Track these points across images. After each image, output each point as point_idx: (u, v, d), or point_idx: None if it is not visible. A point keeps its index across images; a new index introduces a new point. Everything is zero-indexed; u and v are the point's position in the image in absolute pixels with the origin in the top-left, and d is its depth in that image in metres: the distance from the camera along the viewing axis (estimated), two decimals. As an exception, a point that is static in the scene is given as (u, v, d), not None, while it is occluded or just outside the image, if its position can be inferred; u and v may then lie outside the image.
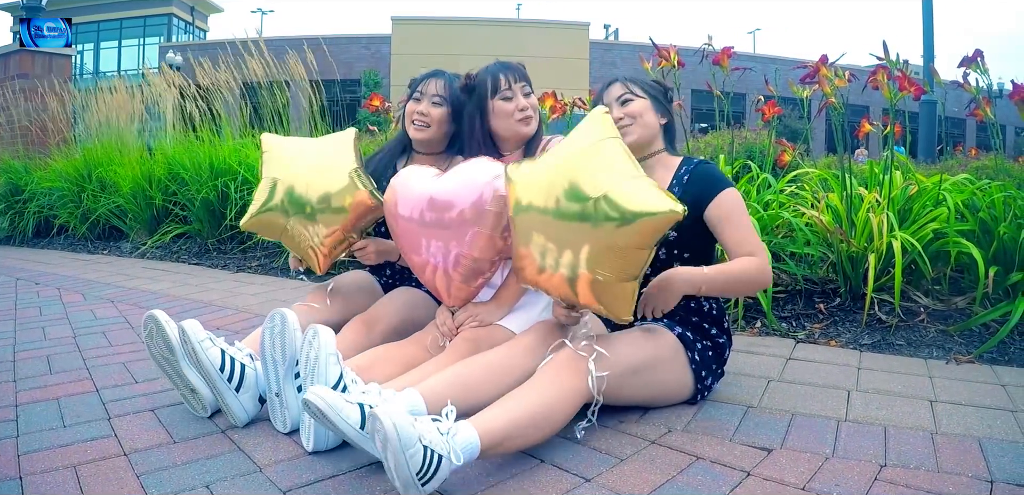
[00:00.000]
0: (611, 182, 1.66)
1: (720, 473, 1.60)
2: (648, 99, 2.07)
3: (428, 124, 2.45)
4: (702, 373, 1.98)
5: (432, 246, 2.07)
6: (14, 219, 7.16)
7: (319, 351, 1.71)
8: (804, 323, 2.89)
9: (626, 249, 1.64)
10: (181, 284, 4.26)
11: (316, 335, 1.73)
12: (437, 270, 2.09)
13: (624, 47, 27.53)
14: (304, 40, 6.54)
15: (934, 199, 3.12)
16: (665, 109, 2.12)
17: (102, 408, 2.06)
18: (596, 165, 1.70)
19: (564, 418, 1.69)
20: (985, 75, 2.91)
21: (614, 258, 1.66)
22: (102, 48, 35.26)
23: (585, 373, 1.71)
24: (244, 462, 1.68)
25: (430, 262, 2.10)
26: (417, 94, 2.48)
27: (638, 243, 1.63)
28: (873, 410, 1.99)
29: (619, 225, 1.62)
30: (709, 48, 3.46)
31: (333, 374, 1.68)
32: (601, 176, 1.68)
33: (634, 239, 1.62)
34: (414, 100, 2.48)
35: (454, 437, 1.47)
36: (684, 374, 1.95)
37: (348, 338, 2.23)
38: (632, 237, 1.62)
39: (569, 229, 1.70)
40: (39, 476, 1.60)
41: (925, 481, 1.55)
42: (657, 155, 2.08)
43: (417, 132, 2.46)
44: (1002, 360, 2.46)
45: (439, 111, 2.44)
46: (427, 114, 2.44)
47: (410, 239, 2.13)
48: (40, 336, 2.99)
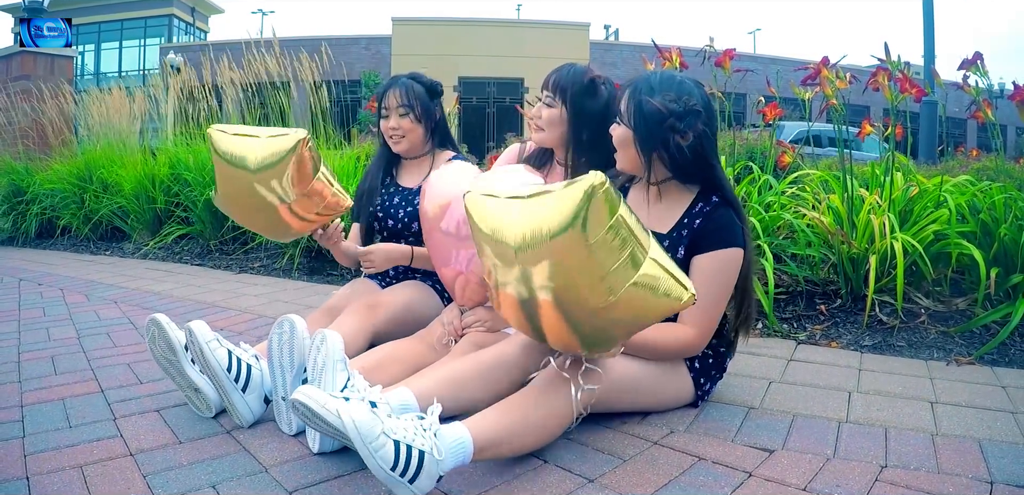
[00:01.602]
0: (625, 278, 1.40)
1: (722, 474, 1.61)
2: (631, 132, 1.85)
3: (403, 135, 2.54)
4: (701, 380, 1.98)
5: (461, 255, 2.06)
6: (17, 220, 7.18)
7: (326, 357, 1.71)
8: (805, 324, 2.90)
9: (624, 323, 1.50)
10: (184, 285, 4.27)
11: (324, 341, 1.73)
12: (461, 274, 2.09)
13: (624, 47, 27.51)
14: (304, 41, 6.54)
15: (935, 200, 3.13)
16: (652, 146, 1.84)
17: (107, 409, 2.07)
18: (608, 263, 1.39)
19: (559, 427, 1.68)
20: (984, 77, 2.92)
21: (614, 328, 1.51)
22: (103, 49, 35.26)
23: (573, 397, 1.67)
24: (250, 462, 1.69)
25: (460, 271, 2.09)
26: (383, 111, 2.54)
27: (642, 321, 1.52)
28: (874, 411, 2.00)
29: (633, 311, 1.45)
30: (711, 49, 3.47)
31: (339, 380, 1.69)
32: (614, 278, 1.40)
33: (640, 314, 1.48)
34: (383, 119, 2.55)
35: (439, 433, 1.46)
36: (684, 382, 1.95)
37: (350, 323, 2.24)
38: (638, 316, 1.49)
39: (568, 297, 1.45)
40: (46, 476, 1.61)
41: (925, 482, 1.56)
42: (661, 185, 1.94)
43: (397, 146, 2.56)
44: (1003, 362, 2.47)
45: (407, 120, 2.53)
46: (398, 127, 2.53)
47: (444, 251, 2.10)
48: (44, 337, 3.01)
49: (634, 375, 1.82)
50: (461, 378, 1.78)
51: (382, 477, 1.39)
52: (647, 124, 1.82)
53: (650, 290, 1.42)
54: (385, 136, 2.57)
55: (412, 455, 1.40)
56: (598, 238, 1.35)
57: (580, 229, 1.34)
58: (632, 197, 2.03)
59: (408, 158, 2.63)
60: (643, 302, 1.43)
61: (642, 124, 1.83)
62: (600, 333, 1.52)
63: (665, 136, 1.81)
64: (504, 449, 1.58)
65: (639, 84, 1.87)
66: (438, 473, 1.43)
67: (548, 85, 2.23)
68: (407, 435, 1.42)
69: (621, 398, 1.83)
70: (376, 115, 2.60)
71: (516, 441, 1.59)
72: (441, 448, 1.44)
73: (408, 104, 2.51)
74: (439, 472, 1.43)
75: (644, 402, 1.91)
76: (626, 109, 1.87)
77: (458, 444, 1.47)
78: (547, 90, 2.24)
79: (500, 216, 1.49)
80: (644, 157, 1.86)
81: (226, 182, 2.18)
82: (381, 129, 2.58)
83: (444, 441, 1.46)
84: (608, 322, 1.47)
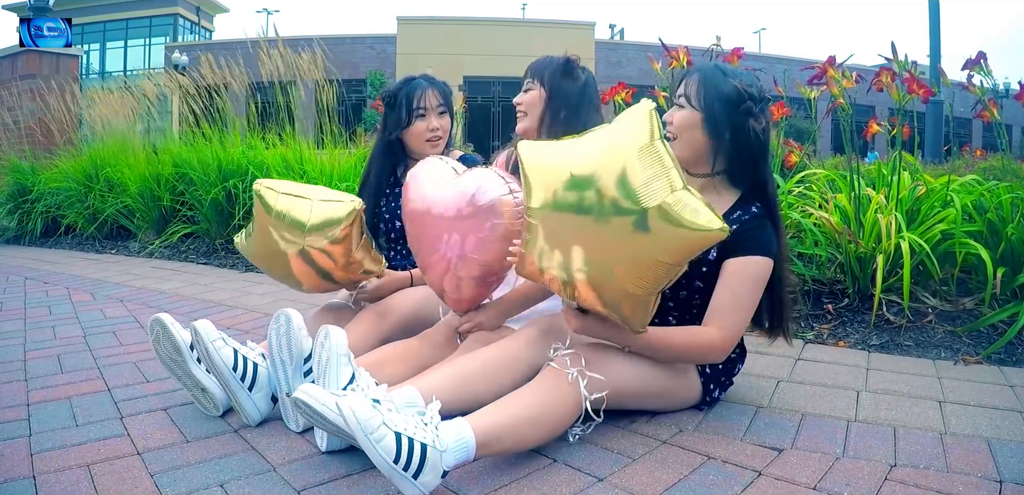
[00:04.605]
0: (664, 190, 1.50)
1: (731, 473, 1.61)
2: (700, 114, 1.81)
3: (440, 137, 2.52)
4: (710, 385, 1.96)
5: (452, 238, 1.98)
6: (22, 219, 7.20)
7: (330, 352, 1.71)
8: (812, 324, 2.89)
9: (663, 264, 1.53)
10: (190, 284, 4.28)
11: (327, 336, 1.73)
12: (449, 266, 2.03)
13: (629, 47, 27.46)
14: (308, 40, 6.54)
15: (942, 200, 3.12)
16: (718, 128, 1.80)
17: (114, 407, 2.07)
18: (649, 171, 1.51)
19: (562, 422, 1.67)
20: (988, 76, 2.91)
21: (649, 270, 1.54)
22: (108, 48, 35.37)
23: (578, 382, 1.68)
24: (258, 461, 1.68)
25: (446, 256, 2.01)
26: (419, 111, 2.48)
27: (677, 258, 1.54)
28: (882, 411, 1.99)
29: (667, 239, 1.50)
30: (718, 49, 3.46)
31: (345, 375, 1.69)
32: (655, 183, 1.50)
33: (676, 253, 1.53)
34: (419, 119, 2.49)
35: (440, 428, 1.47)
36: (692, 384, 1.93)
37: (360, 330, 2.23)
38: (675, 250, 1.52)
39: (604, 232, 1.54)
40: (52, 475, 1.61)
41: (935, 481, 1.55)
42: (708, 179, 1.88)
43: (436, 148, 2.50)
44: (1010, 361, 2.46)
45: (446, 118, 2.53)
46: (438, 127, 2.51)
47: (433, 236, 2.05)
48: (50, 335, 3.01)
49: (639, 376, 1.80)
50: (467, 375, 1.77)
51: (386, 471, 1.39)
52: (724, 105, 1.78)
53: (684, 213, 1.48)
54: (419, 138, 2.50)
55: (414, 447, 1.41)
56: (644, 145, 1.53)
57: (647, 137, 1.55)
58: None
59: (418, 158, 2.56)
60: (676, 232, 1.50)
61: (717, 104, 1.78)
62: (636, 272, 1.55)
63: (740, 119, 1.78)
64: (508, 443, 1.57)
65: (707, 70, 1.83)
66: (442, 467, 1.43)
67: (527, 74, 2.28)
68: (408, 428, 1.43)
69: (629, 399, 1.82)
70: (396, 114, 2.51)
71: (518, 435, 1.59)
72: (443, 441, 1.44)
73: (446, 104, 2.52)
74: (443, 467, 1.44)
75: (652, 403, 1.90)
76: (695, 92, 1.81)
77: (460, 439, 1.48)
78: (526, 78, 2.28)
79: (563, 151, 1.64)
80: (714, 141, 1.82)
81: (264, 237, 2.18)
82: (415, 131, 2.51)
83: (446, 436, 1.46)
84: (646, 254, 1.53)
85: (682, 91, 1.85)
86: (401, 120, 2.49)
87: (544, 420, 1.64)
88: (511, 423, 1.57)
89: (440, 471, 1.43)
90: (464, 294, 2.05)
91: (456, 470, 1.59)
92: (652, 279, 1.56)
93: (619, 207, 1.52)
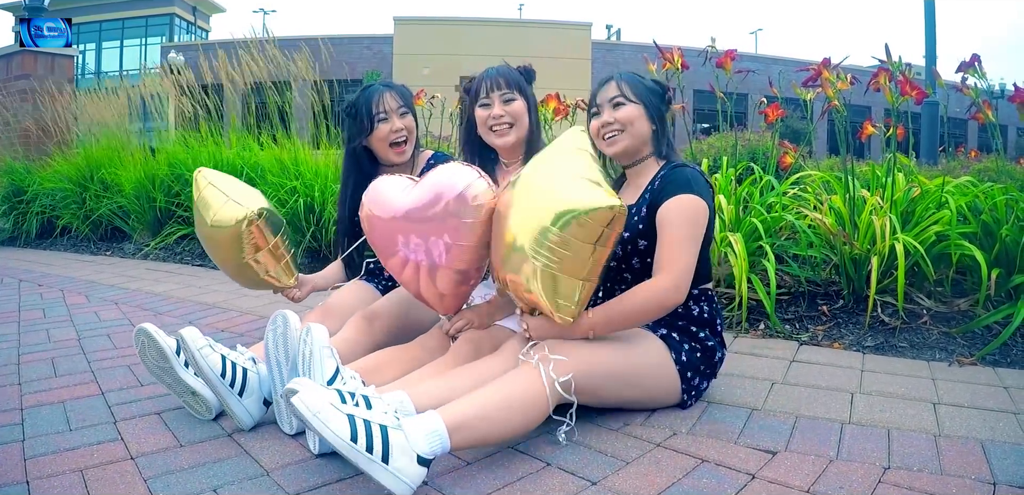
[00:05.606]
0: (557, 187, 1.71)
1: (725, 476, 1.61)
2: (641, 105, 2.02)
3: (407, 138, 2.53)
4: (689, 374, 1.96)
5: (411, 241, 1.96)
6: (17, 220, 7.18)
7: (313, 347, 1.73)
8: (807, 325, 2.89)
9: (573, 242, 1.65)
10: (185, 286, 4.27)
11: (309, 332, 1.75)
12: (420, 269, 1.98)
13: (626, 47, 27.49)
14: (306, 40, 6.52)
15: (937, 201, 3.13)
16: (659, 114, 2.06)
17: (108, 411, 2.06)
18: (553, 175, 1.77)
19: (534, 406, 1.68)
20: (983, 79, 2.92)
21: (563, 253, 1.67)
22: (104, 48, 35.28)
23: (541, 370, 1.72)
24: (251, 466, 1.68)
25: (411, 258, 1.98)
26: (381, 114, 2.47)
27: (583, 238, 1.65)
28: (876, 412, 1.99)
29: (560, 227, 1.65)
30: (712, 50, 3.46)
31: (329, 368, 1.71)
32: (553, 183, 1.74)
33: (578, 234, 1.65)
34: (381, 122, 2.47)
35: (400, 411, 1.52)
36: (669, 376, 1.94)
37: (349, 335, 2.24)
38: (576, 233, 1.65)
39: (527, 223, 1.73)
40: (46, 480, 1.61)
41: (929, 483, 1.56)
42: (644, 161, 2.07)
43: (402, 150, 2.52)
44: (1004, 362, 2.46)
45: (409, 119, 2.54)
46: (402, 127, 2.51)
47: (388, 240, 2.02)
48: (44, 338, 3.00)
49: (607, 359, 1.83)
50: (460, 390, 1.77)
51: (350, 455, 1.40)
52: (652, 95, 2.05)
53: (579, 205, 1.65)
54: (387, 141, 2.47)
55: (372, 429, 1.43)
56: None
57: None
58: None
59: (400, 162, 2.52)
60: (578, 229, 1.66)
61: (647, 95, 2.04)
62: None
63: (666, 105, 2.08)
64: (482, 430, 1.59)
65: (624, 74, 2.09)
66: (413, 451, 1.45)
67: (500, 85, 2.28)
68: (361, 413, 1.45)
69: (602, 387, 1.82)
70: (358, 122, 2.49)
71: (490, 420, 1.60)
72: (407, 427, 1.47)
73: (407, 105, 2.54)
74: (413, 449, 1.45)
75: (630, 394, 1.91)
76: (628, 91, 2.02)
77: (427, 423, 1.50)
78: (502, 89, 2.27)
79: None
80: (655, 125, 2.04)
81: (199, 224, 2.48)
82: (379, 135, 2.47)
83: (412, 422, 1.49)
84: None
85: (614, 94, 2.03)
86: (364, 127, 2.48)
87: (514, 404, 1.65)
88: (479, 409, 1.59)
89: (412, 455, 1.44)
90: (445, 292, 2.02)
91: (447, 474, 1.60)
92: (571, 263, 1.68)
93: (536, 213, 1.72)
